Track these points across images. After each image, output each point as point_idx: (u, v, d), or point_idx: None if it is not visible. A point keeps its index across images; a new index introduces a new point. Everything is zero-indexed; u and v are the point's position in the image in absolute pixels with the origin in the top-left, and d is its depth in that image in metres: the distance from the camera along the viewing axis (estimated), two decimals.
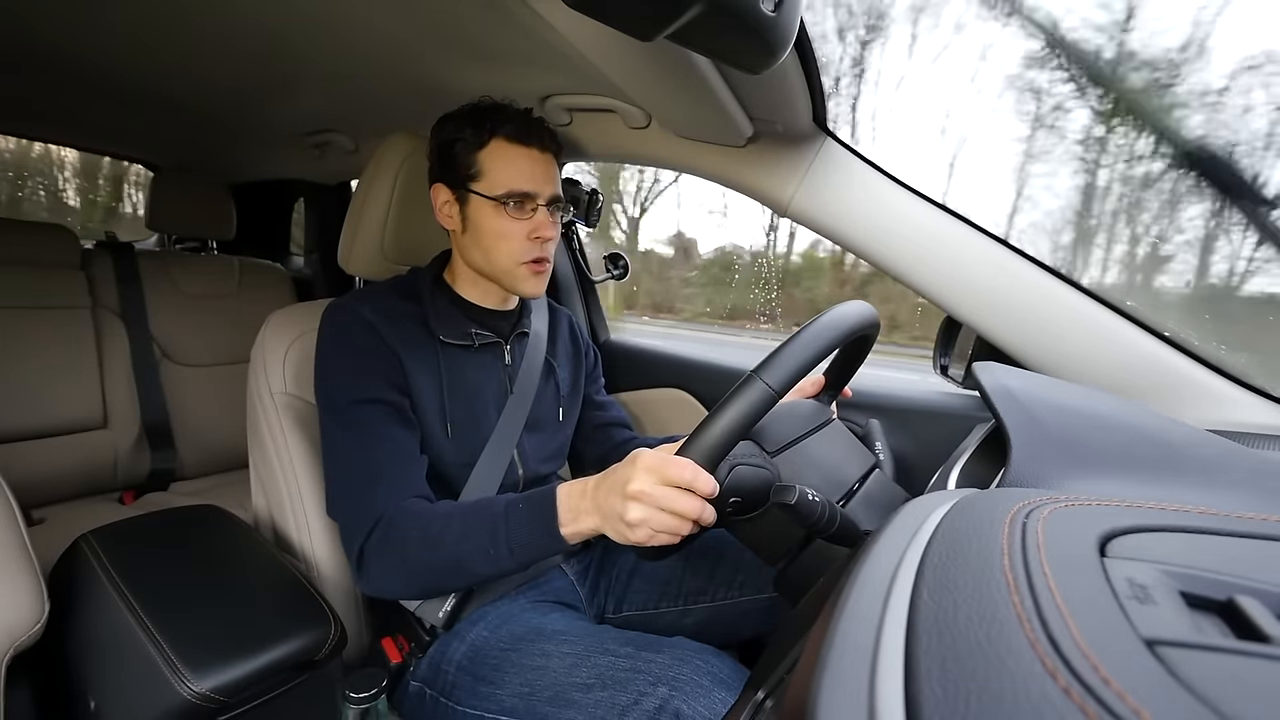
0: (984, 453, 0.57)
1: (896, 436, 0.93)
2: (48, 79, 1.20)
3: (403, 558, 0.67)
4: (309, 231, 2.08)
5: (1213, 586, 0.22)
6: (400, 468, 0.72)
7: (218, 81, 1.14)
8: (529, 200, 0.77)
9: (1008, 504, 0.30)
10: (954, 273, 0.78)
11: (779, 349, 0.56)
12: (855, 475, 0.66)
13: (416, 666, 0.77)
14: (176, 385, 1.53)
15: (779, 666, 0.35)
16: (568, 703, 0.63)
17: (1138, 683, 0.17)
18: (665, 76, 0.68)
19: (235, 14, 0.84)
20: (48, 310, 1.37)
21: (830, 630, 0.23)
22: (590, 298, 1.47)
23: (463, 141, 0.77)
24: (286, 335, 0.88)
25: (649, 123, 0.90)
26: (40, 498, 1.34)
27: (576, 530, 0.61)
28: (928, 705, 0.18)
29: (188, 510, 0.85)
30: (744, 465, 0.59)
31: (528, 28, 0.68)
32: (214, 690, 0.58)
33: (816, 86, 0.71)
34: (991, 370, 0.54)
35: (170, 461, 1.50)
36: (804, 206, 0.84)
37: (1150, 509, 0.30)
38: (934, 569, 0.25)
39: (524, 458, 0.87)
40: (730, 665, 0.64)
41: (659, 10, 0.40)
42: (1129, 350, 0.71)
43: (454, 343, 0.81)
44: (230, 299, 1.66)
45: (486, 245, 0.78)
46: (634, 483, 0.55)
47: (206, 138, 1.60)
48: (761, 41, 0.45)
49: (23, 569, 0.60)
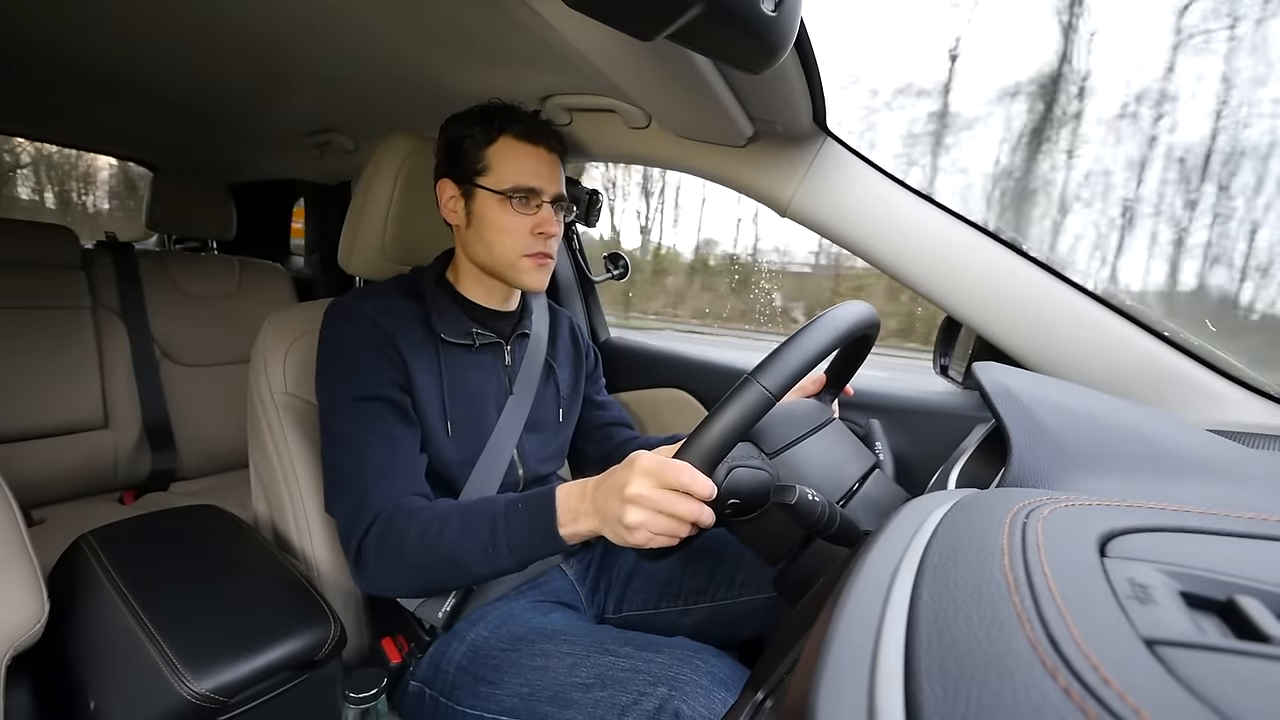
0: (984, 453, 0.57)
1: (896, 436, 0.93)
2: (47, 79, 1.20)
3: (400, 555, 0.67)
4: (309, 231, 2.08)
5: (1213, 586, 0.22)
6: (399, 465, 0.72)
7: (217, 81, 1.14)
8: (534, 196, 0.78)
9: (1008, 504, 0.30)
10: (954, 273, 0.78)
11: (777, 350, 0.56)
12: (855, 475, 0.66)
13: (416, 666, 0.78)
14: (177, 385, 1.53)
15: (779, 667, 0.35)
16: (568, 703, 0.63)
17: (1137, 682, 0.17)
18: (665, 76, 0.68)
19: (235, 14, 0.84)
20: (48, 310, 1.37)
21: (830, 630, 0.23)
22: (590, 298, 1.47)
23: (471, 138, 0.78)
24: (287, 335, 0.88)
25: (649, 123, 0.90)
26: (40, 498, 1.34)
27: (575, 531, 0.62)
28: (928, 705, 0.18)
29: (188, 510, 0.85)
30: (743, 467, 0.59)
31: (528, 28, 0.68)
32: (214, 690, 0.58)
33: (816, 86, 0.71)
34: (991, 370, 0.54)
35: (170, 461, 1.50)
36: (804, 206, 0.84)
37: (1150, 509, 0.30)
38: (934, 569, 0.25)
39: (524, 458, 0.87)
40: (730, 665, 0.64)
41: (659, 10, 0.40)
42: (1129, 350, 0.71)
43: (455, 341, 0.81)
44: (230, 299, 1.66)
45: (490, 239, 0.79)
46: (632, 486, 0.55)
47: (206, 138, 1.60)
48: (761, 41, 0.45)
49: (23, 569, 0.60)
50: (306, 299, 1.84)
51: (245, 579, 0.73)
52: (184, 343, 1.55)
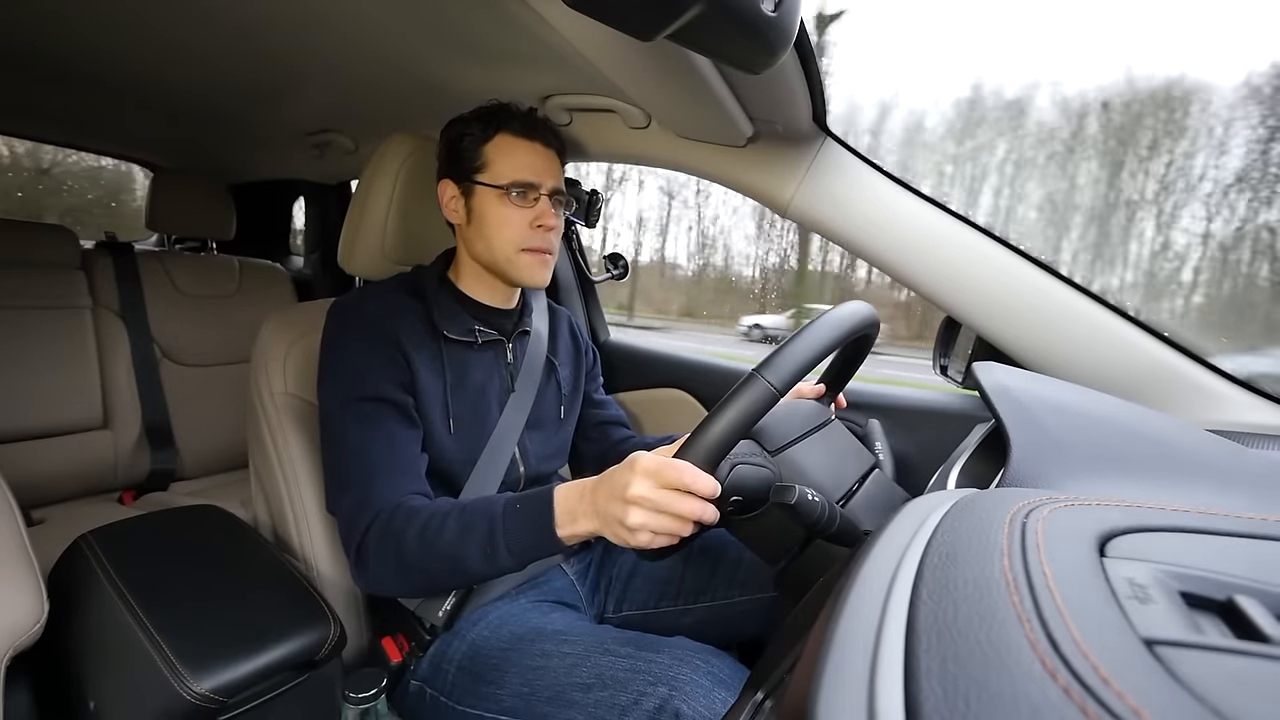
0: (984, 453, 0.57)
1: (896, 436, 0.93)
2: (47, 78, 1.20)
3: (399, 555, 0.67)
4: (309, 231, 2.08)
5: (1212, 586, 0.22)
6: (400, 464, 0.73)
7: (217, 82, 1.14)
8: (531, 190, 0.79)
9: (1007, 504, 0.30)
10: (954, 273, 0.78)
11: (780, 348, 0.56)
12: (855, 475, 0.66)
13: (416, 666, 0.78)
14: (177, 385, 1.53)
15: (779, 666, 0.35)
16: (568, 702, 0.63)
17: (1137, 682, 0.17)
18: (665, 76, 0.68)
19: (235, 14, 0.84)
20: (48, 310, 1.37)
21: (830, 630, 0.23)
22: (590, 298, 1.47)
23: (470, 136, 0.79)
24: (287, 335, 0.88)
25: (649, 123, 0.90)
26: (40, 498, 1.34)
27: (574, 532, 0.61)
28: (928, 705, 0.18)
29: (188, 510, 0.85)
30: (745, 464, 0.59)
31: (528, 28, 0.68)
32: (214, 690, 0.58)
33: (816, 86, 0.71)
34: (991, 370, 0.54)
35: (170, 461, 1.50)
36: (804, 206, 0.84)
37: (1150, 509, 0.30)
38: (934, 569, 0.25)
39: (525, 456, 0.87)
40: (730, 665, 0.64)
41: (659, 10, 0.40)
42: (1129, 350, 0.71)
43: (457, 339, 0.81)
44: (230, 299, 1.66)
45: (489, 234, 0.79)
46: (633, 487, 0.55)
47: (206, 138, 1.60)
48: (761, 41, 0.45)
49: (23, 569, 0.60)
50: (306, 299, 1.84)
51: (245, 579, 0.73)
52: (184, 343, 1.55)
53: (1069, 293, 0.73)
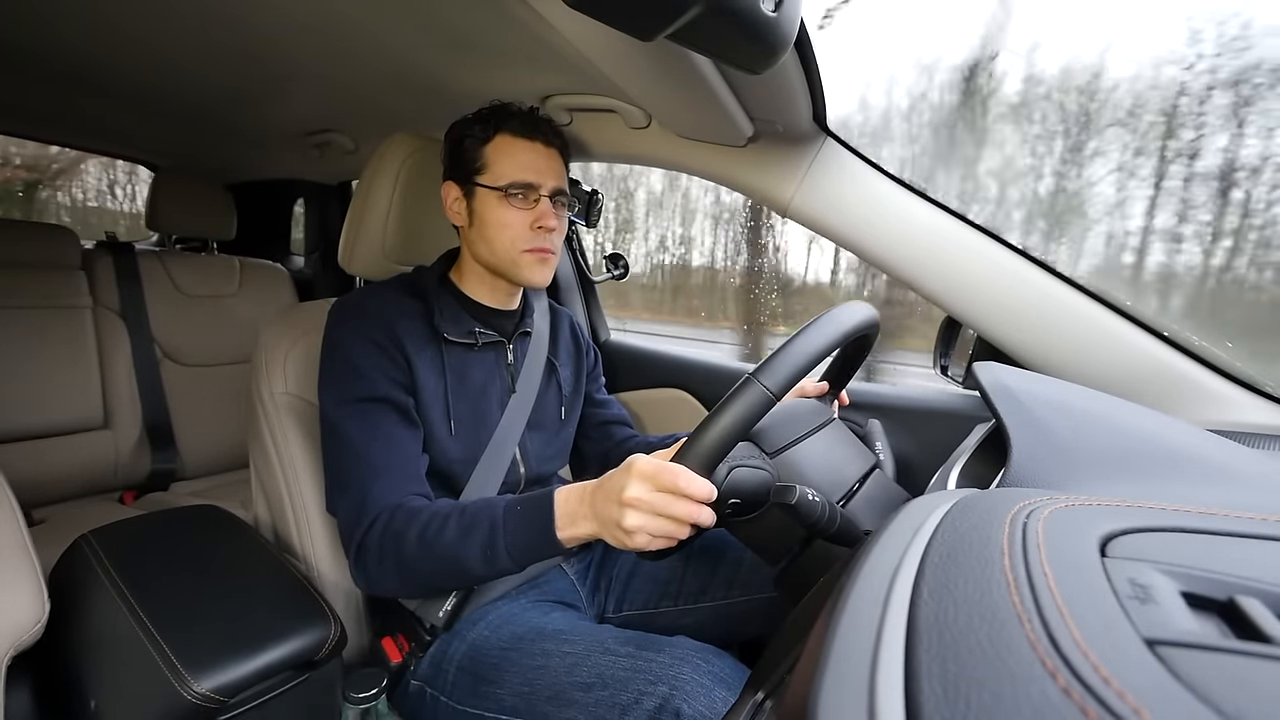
0: (984, 453, 0.57)
1: (896, 436, 0.93)
2: (47, 78, 1.20)
3: (399, 555, 0.67)
4: (309, 231, 2.08)
5: (1213, 586, 0.22)
6: (400, 465, 0.73)
7: (217, 81, 1.14)
8: (532, 191, 0.79)
9: (1008, 504, 0.30)
10: (954, 273, 0.78)
11: (778, 351, 0.56)
12: (855, 475, 0.66)
13: (416, 666, 0.78)
14: (177, 385, 1.53)
15: (779, 666, 0.35)
16: (568, 702, 0.63)
17: (1138, 682, 0.17)
18: (665, 76, 0.68)
19: (236, 14, 0.84)
20: (48, 310, 1.37)
21: (830, 630, 0.23)
22: (590, 298, 1.47)
23: (471, 138, 0.79)
24: (287, 335, 0.88)
25: (649, 123, 0.90)
26: (41, 498, 1.34)
27: (573, 535, 0.62)
28: (928, 705, 0.18)
29: (188, 510, 0.85)
30: (743, 467, 0.59)
31: (528, 28, 0.68)
32: (214, 690, 0.58)
33: (816, 86, 0.71)
34: (991, 370, 0.54)
35: (171, 461, 1.50)
36: (804, 206, 0.84)
37: (1151, 509, 0.30)
38: (934, 569, 0.25)
39: (526, 457, 0.87)
40: (730, 664, 0.64)
41: (659, 10, 0.40)
42: (1129, 350, 0.71)
43: (458, 340, 0.81)
44: (231, 299, 1.66)
45: (490, 235, 0.79)
46: (629, 490, 0.55)
47: (206, 138, 1.60)
48: (761, 41, 0.45)
49: (23, 569, 0.60)
50: (307, 299, 1.84)
51: (245, 579, 0.73)
52: (184, 343, 1.55)
53: (1069, 292, 0.73)
